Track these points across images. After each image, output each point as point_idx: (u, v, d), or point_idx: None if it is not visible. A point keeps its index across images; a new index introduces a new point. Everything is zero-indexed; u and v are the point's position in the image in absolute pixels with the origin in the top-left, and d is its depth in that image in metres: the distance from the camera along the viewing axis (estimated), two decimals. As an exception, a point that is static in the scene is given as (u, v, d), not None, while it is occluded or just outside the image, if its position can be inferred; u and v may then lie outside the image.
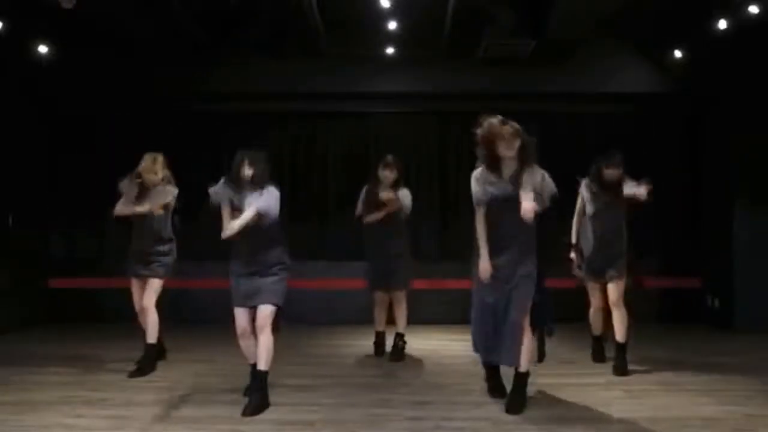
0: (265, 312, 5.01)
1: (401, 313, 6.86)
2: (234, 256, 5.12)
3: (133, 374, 5.98)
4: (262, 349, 4.98)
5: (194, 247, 9.11)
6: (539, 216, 4.86)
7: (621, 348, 6.12)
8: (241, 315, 5.07)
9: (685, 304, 9.25)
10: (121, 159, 9.08)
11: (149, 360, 6.19)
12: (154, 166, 6.20)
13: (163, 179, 6.25)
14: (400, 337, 6.86)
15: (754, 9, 6.97)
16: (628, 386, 5.57)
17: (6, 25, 7.27)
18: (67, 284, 9.29)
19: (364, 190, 6.85)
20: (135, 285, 6.29)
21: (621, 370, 6.04)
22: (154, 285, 6.24)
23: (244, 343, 5.12)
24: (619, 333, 6.13)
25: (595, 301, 6.40)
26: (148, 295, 6.21)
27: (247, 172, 5.03)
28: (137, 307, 6.28)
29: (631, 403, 5.04)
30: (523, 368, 4.93)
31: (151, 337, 6.23)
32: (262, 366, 4.99)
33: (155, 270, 6.23)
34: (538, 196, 4.81)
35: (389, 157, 6.77)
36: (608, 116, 9.47)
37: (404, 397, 5.24)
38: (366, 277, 6.90)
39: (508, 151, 4.85)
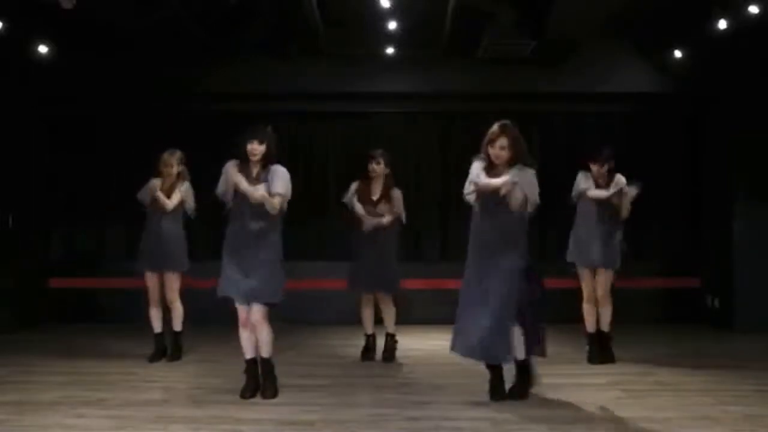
0: None
1: (390, 314, 6.71)
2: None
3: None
4: None
5: (195, 247, 9.14)
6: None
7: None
8: None
9: (685, 304, 9.24)
10: (121, 159, 9.21)
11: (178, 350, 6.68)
12: (171, 159, 6.57)
13: (179, 175, 6.61)
14: (391, 336, 6.75)
15: (754, 9, 6.96)
16: (628, 386, 5.57)
17: (6, 25, 7.27)
18: (67, 284, 9.28)
19: (355, 185, 6.71)
20: (153, 279, 6.63)
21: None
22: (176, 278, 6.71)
23: None
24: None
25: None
26: (173, 288, 6.64)
27: (257, 148, 5.09)
28: (156, 300, 6.59)
29: (631, 403, 5.04)
30: None
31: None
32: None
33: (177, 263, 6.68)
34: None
35: (377, 151, 6.68)
36: (608, 116, 9.47)
37: (404, 397, 5.24)
38: (354, 278, 6.67)
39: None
